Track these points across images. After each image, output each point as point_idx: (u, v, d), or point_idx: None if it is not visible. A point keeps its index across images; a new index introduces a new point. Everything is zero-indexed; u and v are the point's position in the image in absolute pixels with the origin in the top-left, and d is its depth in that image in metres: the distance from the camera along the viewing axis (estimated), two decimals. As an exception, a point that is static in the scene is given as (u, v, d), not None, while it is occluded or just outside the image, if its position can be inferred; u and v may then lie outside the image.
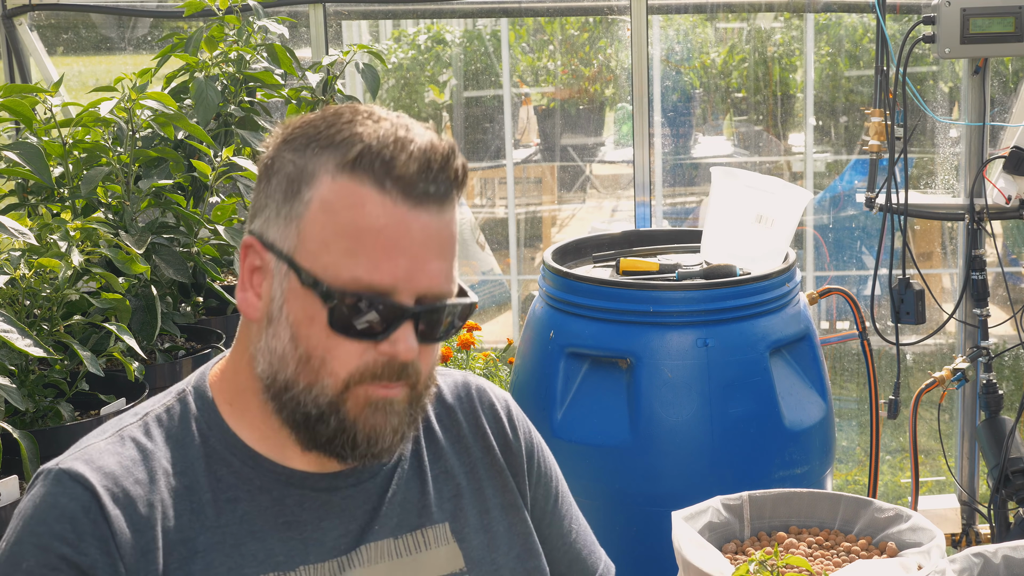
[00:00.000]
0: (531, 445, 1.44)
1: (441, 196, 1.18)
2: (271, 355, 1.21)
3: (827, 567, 1.52)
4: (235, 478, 1.24)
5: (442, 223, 1.19)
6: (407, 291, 1.17)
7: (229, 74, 2.71)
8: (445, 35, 6.20)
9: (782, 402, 2.41)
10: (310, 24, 3.48)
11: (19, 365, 2.03)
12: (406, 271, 1.16)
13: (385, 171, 1.15)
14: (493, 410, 1.42)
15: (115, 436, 1.23)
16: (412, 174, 1.15)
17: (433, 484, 1.34)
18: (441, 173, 1.17)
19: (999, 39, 2.91)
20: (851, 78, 5.67)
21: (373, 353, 1.17)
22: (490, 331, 5.05)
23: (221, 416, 1.26)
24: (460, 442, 1.38)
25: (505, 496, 1.38)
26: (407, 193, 1.16)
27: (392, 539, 1.29)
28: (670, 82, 5.70)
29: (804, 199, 2.66)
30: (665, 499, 2.11)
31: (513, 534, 1.37)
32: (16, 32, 3.65)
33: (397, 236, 1.15)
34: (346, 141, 1.17)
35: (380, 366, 1.18)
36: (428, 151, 1.17)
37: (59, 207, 2.38)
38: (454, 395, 1.41)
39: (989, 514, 3.02)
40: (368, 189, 1.15)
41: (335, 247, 1.16)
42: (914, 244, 4.56)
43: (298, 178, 1.18)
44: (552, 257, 2.63)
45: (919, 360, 4.57)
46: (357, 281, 1.15)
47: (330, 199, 1.16)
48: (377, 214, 1.15)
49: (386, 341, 1.17)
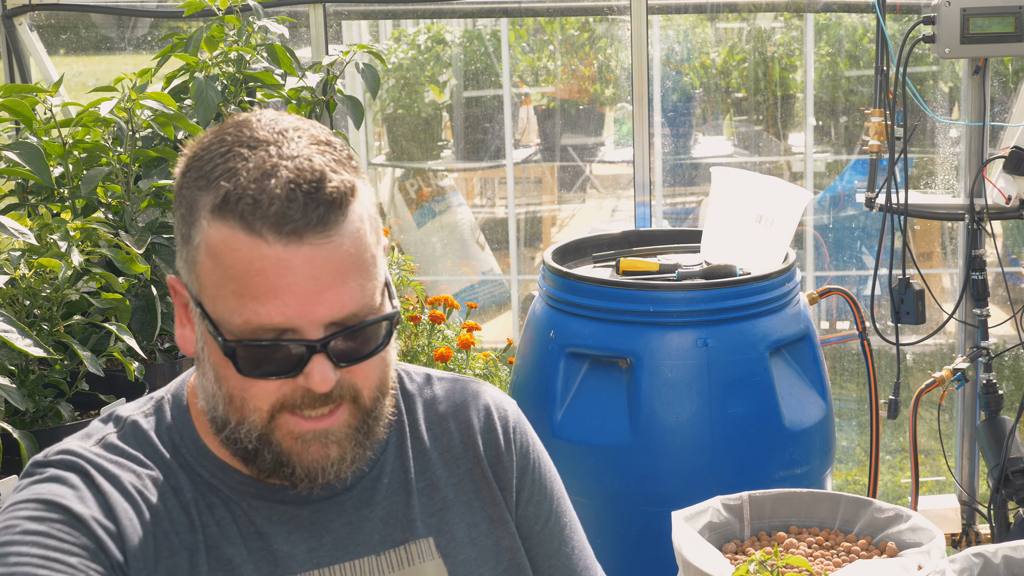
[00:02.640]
0: (526, 461, 1.39)
1: (319, 224, 1.10)
2: (205, 392, 1.20)
3: (827, 567, 1.52)
4: (206, 488, 1.23)
5: (330, 250, 1.11)
6: (310, 325, 1.12)
7: (229, 74, 2.71)
8: (445, 35, 6.20)
9: (782, 402, 2.41)
10: (310, 24, 3.48)
11: (19, 365, 2.03)
12: (297, 307, 1.11)
13: (251, 213, 1.10)
14: (489, 420, 1.38)
15: (98, 444, 1.23)
16: (278, 211, 1.09)
17: (418, 497, 1.31)
18: (312, 203, 1.10)
19: (999, 39, 2.91)
20: (851, 78, 5.66)
21: (291, 385, 1.15)
22: (490, 331, 5.05)
23: (194, 426, 1.25)
24: (449, 452, 1.35)
25: (493, 510, 1.35)
26: (278, 231, 1.09)
27: (375, 556, 1.26)
28: (670, 82, 5.70)
29: (804, 199, 2.66)
30: (665, 499, 2.11)
31: (501, 549, 1.34)
32: (16, 32, 3.64)
33: (277, 276, 1.10)
34: (215, 181, 1.12)
35: (300, 396, 1.15)
36: (293, 182, 1.10)
37: (59, 207, 2.38)
38: (449, 403, 1.37)
39: (989, 514, 3.02)
40: (239, 233, 1.11)
41: (225, 292, 1.13)
42: (914, 244, 4.56)
43: (188, 219, 1.16)
44: (552, 257, 2.63)
45: (919, 360, 4.57)
46: (249, 325, 1.12)
47: (211, 244, 1.13)
48: (251, 258, 1.10)
49: (300, 375, 1.14)
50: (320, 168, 1.12)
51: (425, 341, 3.00)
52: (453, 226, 5.69)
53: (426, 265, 5.56)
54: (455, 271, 5.68)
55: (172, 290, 1.22)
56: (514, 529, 1.36)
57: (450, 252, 5.68)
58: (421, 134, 5.89)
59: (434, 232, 5.67)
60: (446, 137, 6.02)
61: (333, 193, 1.11)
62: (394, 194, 5.82)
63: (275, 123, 1.16)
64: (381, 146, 5.94)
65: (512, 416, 1.40)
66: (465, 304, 3.30)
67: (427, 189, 5.84)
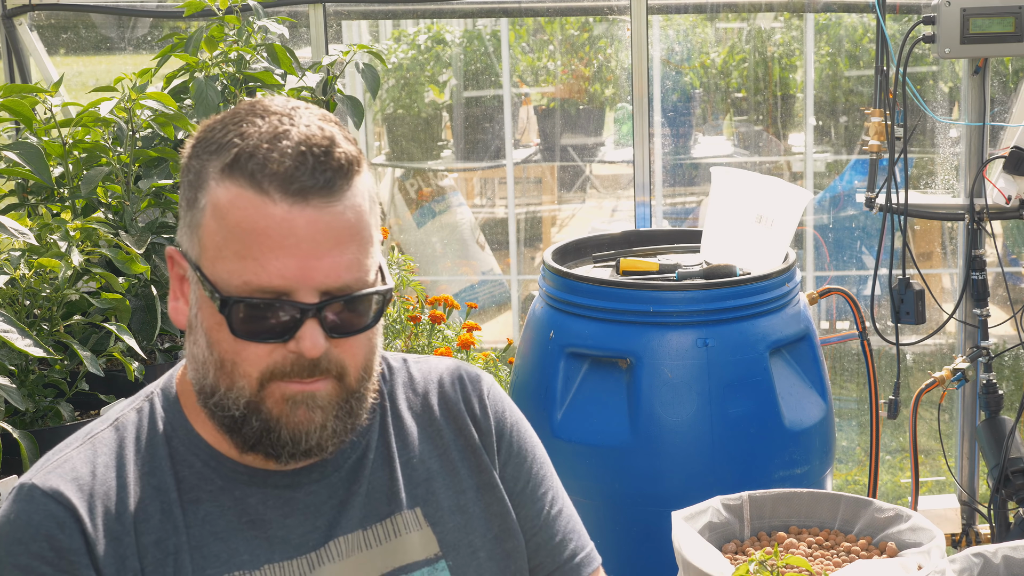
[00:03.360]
0: (502, 423, 1.41)
1: (325, 188, 1.15)
2: (195, 361, 1.22)
3: (827, 567, 1.52)
4: (197, 479, 1.24)
5: (333, 215, 1.15)
6: (305, 289, 1.15)
7: (229, 74, 2.71)
8: (445, 35, 6.20)
9: (782, 402, 2.41)
10: (310, 24, 3.48)
11: (19, 365, 2.03)
12: (297, 270, 1.14)
13: (260, 171, 1.14)
14: (464, 390, 1.40)
15: (87, 442, 1.24)
16: (287, 170, 1.13)
17: (402, 470, 1.33)
18: (321, 165, 1.14)
19: (999, 39, 2.91)
20: (851, 78, 5.66)
21: (282, 351, 1.17)
22: (490, 331, 5.05)
23: (185, 416, 1.27)
24: (431, 425, 1.37)
25: (480, 476, 1.36)
26: (284, 190, 1.14)
27: (361, 531, 1.28)
28: (670, 82, 5.70)
29: (804, 199, 2.66)
30: (665, 499, 2.11)
31: (490, 515, 1.36)
32: (16, 32, 3.64)
33: (281, 236, 1.14)
34: (227, 144, 1.16)
35: (289, 364, 1.17)
36: (304, 143, 1.14)
37: (59, 207, 2.38)
38: (427, 380, 1.40)
39: (989, 514, 3.02)
40: (247, 191, 1.14)
41: (227, 252, 1.15)
42: (914, 244, 4.56)
43: (195, 184, 1.19)
44: (552, 257, 2.63)
45: (919, 360, 4.57)
46: (248, 285, 1.14)
47: (217, 204, 1.16)
48: (257, 216, 1.14)
49: (292, 340, 1.16)
50: (330, 136, 1.16)
51: (425, 341, 3.00)
52: (453, 226, 5.69)
53: (426, 265, 5.56)
54: (455, 271, 5.68)
55: (169, 261, 1.24)
56: (503, 494, 1.37)
57: (450, 252, 5.68)
58: (421, 134, 5.89)
59: (434, 232, 5.67)
60: (446, 137, 6.02)
61: (341, 159, 1.15)
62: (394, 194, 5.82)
63: (287, 101, 1.21)
64: (381, 146, 5.94)
65: (486, 383, 1.43)
66: (465, 304, 3.30)
67: (427, 189, 5.84)
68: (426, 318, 3.02)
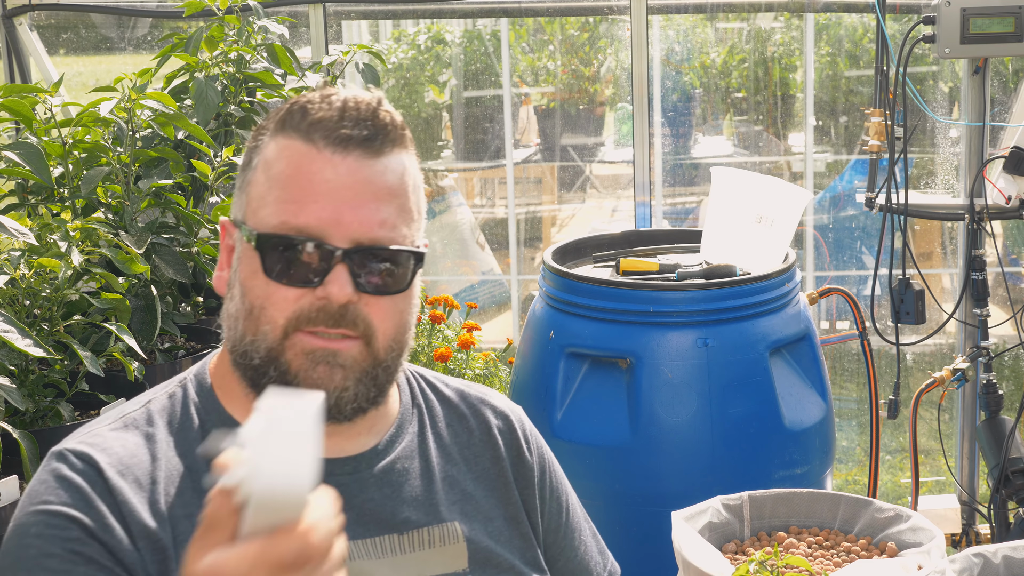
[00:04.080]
0: (543, 460, 1.44)
1: (366, 140, 1.20)
2: (229, 319, 1.25)
3: (827, 567, 1.52)
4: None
5: (375, 170, 1.20)
6: (339, 235, 1.19)
7: (229, 74, 2.70)
8: (445, 35, 6.20)
9: (782, 402, 2.41)
10: (310, 24, 3.48)
11: (19, 365, 2.03)
12: (333, 212, 1.19)
13: (307, 122, 1.20)
14: (507, 422, 1.43)
15: (119, 422, 1.25)
16: (332, 119, 1.20)
17: (442, 484, 1.34)
18: (364, 120, 1.20)
19: (999, 39, 2.91)
20: (851, 78, 5.67)
21: (310, 298, 1.19)
22: (490, 331, 5.05)
23: (219, 401, 1.28)
24: (469, 448, 1.39)
25: (508, 508, 1.38)
26: (328, 137, 1.20)
27: (397, 535, 1.28)
28: (670, 82, 5.70)
29: (804, 199, 2.66)
30: (665, 499, 2.11)
31: (514, 547, 1.37)
32: (16, 32, 3.64)
33: (322, 179, 1.19)
34: (282, 109, 1.24)
35: (316, 310, 1.19)
36: (350, 100, 1.21)
37: (59, 207, 2.38)
38: (467, 403, 1.42)
39: (989, 514, 3.02)
40: (295, 141, 1.21)
41: (269, 199, 1.21)
42: (914, 244, 4.56)
43: (251, 152, 1.26)
44: (552, 257, 2.63)
45: (919, 360, 4.57)
46: (285, 224, 1.19)
47: (267, 157, 1.23)
48: (302, 161, 1.20)
49: (320, 285, 1.19)
50: (378, 99, 1.23)
51: (425, 341, 3.00)
52: (453, 226, 5.69)
53: (426, 265, 5.55)
54: (455, 271, 5.68)
55: (221, 231, 1.28)
56: (528, 530, 1.39)
57: (450, 252, 5.68)
58: (421, 134, 5.89)
59: (434, 232, 5.67)
60: (446, 137, 6.02)
61: (385, 119, 1.22)
62: (394, 194, 5.81)
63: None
64: (381, 146, 5.93)
65: (526, 420, 1.46)
66: (465, 304, 3.30)
67: (427, 189, 5.83)
68: (426, 318, 3.01)
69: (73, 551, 1.12)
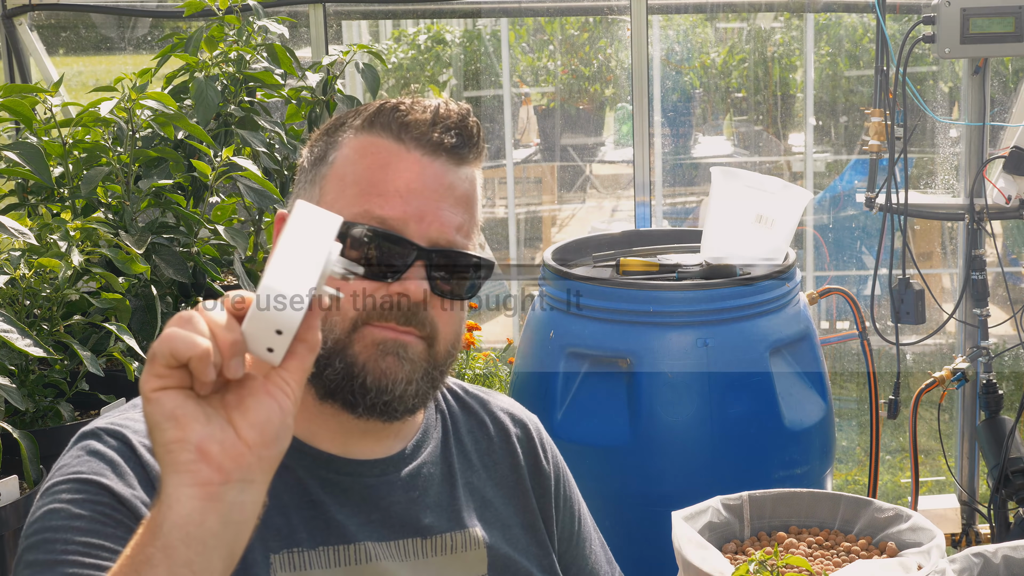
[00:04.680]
0: (559, 469, 1.45)
1: (456, 149, 1.22)
2: None
3: (827, 567, 1.52)
4: None
5: (456, 177, 1.23)
6: (419, 233, 1.20)
7: (229, 74, 2.71)
8: (445, 35, 6.20)
9: (782, 402, 2.41)
10: (310, 24, 3.48)
11: (19, 365, 2.03)
12: (417, 210, 1.20)
13: (400, 123, 1.22)
14: (525, 431, 1.43)
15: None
16: (425, 123, 1.22)
17: (463, 490, 1.34)
18: (454, 127, 1.23)
19: (999, 39, 2.91)
20: (851, 78, 5.67)
21: (383, 292, 1.19)
22: (490, 331, 5.05)
23: None
24: (490, 455, 1.39)
25: (526, 516, 1.39)
26: (420, 141, 1.21)
27: (421, 539, 1.28)
28: (670, 82, 5.70)
29: (804, 199, 2.66)
30: (665, 499, 2.11)
31: (531, 554, 1.38)
32: (16, 32, 3.65)
33: (410, 177, 1.20)
34: (368, 108, 1.26)
35: (389, 306, 1.19)
36: (443, 106, 1.24)
37: (59, 207, 2.38)
38: (486, 410, 1.42)
39: (989, 514, 3.02)
40: (385, 140, 1.22)
41: (349, 192, 1.21)
42: (914, 244, 4.56)
43: (326, 148, 1.26)
44: (552, 257, 2.63)
45: (919, 360, 4.57)
46: (368, 214, 1.19)
47: (350, 154, 1.23)
48: (391, 159, 1.21)
49: (396, 281, 1.18)
50: (467, 109, 1.26)
51: (425, 341, 3.00)
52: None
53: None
54: (455, 271, 5.67)
55: (277, 224, 1.27)
56: (544, 537, 1.40)
57: (450, 252, 5.67)
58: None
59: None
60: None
61: (472, 128, 1.25)
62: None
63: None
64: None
65: (543, 429, 1.47)
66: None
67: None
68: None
69: (104, 514, 1.11)
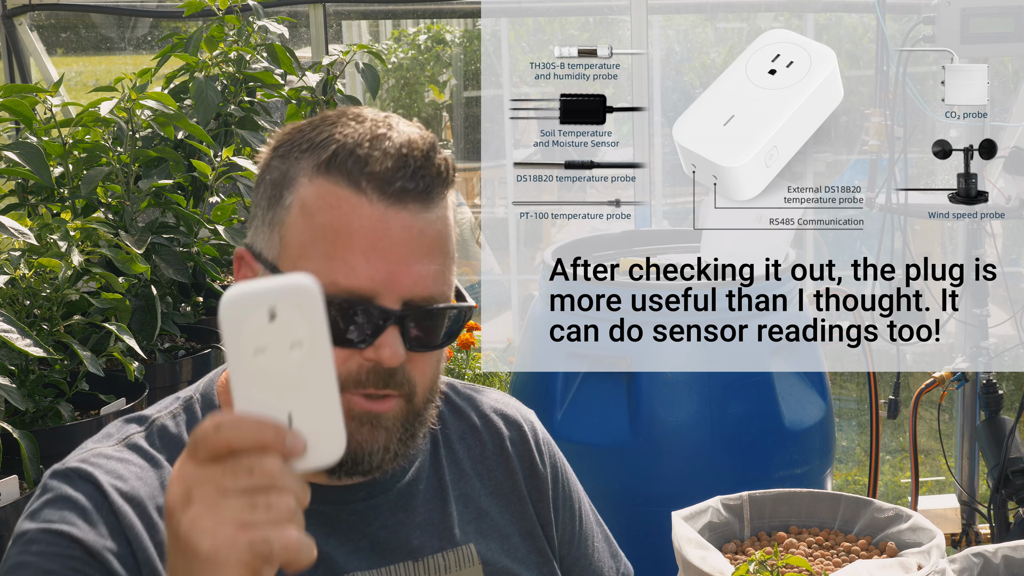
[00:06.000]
0: (556, 469, 1.40)
1: (423, 193, 1.13)
2: None
3: (827, 567, 1.52)
4: None
5: (426, 222, 1.13)
6: (390, 294, 1.12)
7: (229, 74, 2.71)
8: (445, 35, 6.20)
9: (782, 402, 2.41)
10: (310, 24, 3.48)
11: (19, 365, 2.03)
12: (386, 273, 1.11)
13: (359, 170, 1.11)
14: (520, 432, 1.38)
15: (121, 444, 1.20)
16: (387, 171, 1.11)
17: (455, 504, 1.30)
18: (420, 170, 1.12)
19: (999, 39, 2.91)
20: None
21: (358, 359, 1.13)
22: (490, 331, 5.05)
23: None
24: (483, 463, 1.34)
25: (523, 523, 1.35)
26: (383, 191, 1.11)
27: (412, 561, 1.25)
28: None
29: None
30: (665, 499, 2.11)
31: (531, 563, 1.34)
32: (16, 32, 3.65)
33: (375, 237, 1.11)
34: (323, 143, 1.14)
35: (365, 372, 1.13)
36: (405, 146, 1.12)
37: (59, 207, 2.38)
38: (478, 413, 1.37)
39: (989, 514, 3.02)
40: (343, 189, 1.11)
41: (313, 251, 1.12)
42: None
43: (280, 183, 1.15)
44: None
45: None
46: (335, 286, 1.11)
47: (307, 202, 1.13)
48: (352, 215, 1.11)
49: (370, 347, 1.12)
50: (431, 142, 1.15)
51: (425, 341, 3.00)
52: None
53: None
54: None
55: (237, 262, 1.20)
56: (544, 544, 1.36)
57: (450, 252, 5.67)
58: (421, 134, 5.88)
59: (434, 232, 5.67)
60: (446, 137, 6.02)
61: (440, 166, 1.14)
62: (394, 194, 5.81)
63: (378, 111, 1.18)
64: (381, 146, 5.94)
65: (539, 427, 1.41)
66: (465, 304, 3.29)
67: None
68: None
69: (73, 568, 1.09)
